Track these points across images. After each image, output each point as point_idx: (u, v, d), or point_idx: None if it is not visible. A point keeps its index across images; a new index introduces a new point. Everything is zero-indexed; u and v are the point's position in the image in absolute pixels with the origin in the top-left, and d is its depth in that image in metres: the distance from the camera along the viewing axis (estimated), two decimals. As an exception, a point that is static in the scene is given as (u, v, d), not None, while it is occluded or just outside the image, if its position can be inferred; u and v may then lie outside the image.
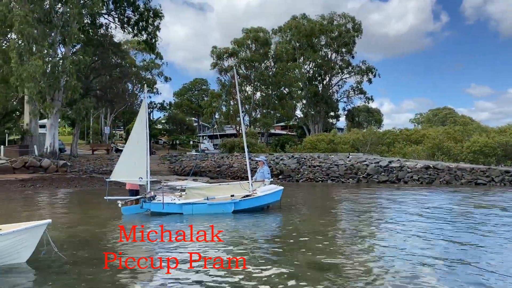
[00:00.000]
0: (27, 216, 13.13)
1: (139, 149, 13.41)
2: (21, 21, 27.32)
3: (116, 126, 78.79)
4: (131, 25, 38.91)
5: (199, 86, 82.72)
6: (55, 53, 32.88)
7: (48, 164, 30.74)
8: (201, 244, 8.85)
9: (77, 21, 32.22)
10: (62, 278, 6.46)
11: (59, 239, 8.83)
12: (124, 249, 8.61)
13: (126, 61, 49.26)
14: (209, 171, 33.03)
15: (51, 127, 33.90)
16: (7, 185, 24.39)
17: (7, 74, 29.80)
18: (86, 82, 38.84)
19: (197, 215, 12.61)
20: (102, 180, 24.40)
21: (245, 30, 57.85)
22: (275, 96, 60.18)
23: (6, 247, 6.62)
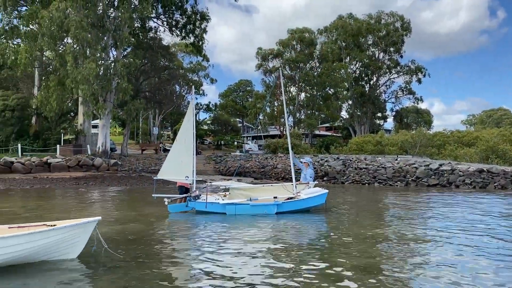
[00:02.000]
0: (79, 212, 13.77)
1: (186, 149, 13.69)
2: (76, 26, 28.67)
3: (164, 126, 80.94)
4: (179, 28, 39.82)
5: (244, 87, 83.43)
6: (107, 56, 34.26)
7: (100, 163, 32.08)
8: (245, 243, 8.89)
9: (128, 25, 33.42)
10: (112, 273, 6.69)
11: (109, 235, 9.16)
12: (171, 246, 8.81)
13: (174, 64, 50.51)
14: (253, 171, 33.20)
15: (103, 128, 35.34)
16: (62, 182, 25.69)
17: (63, 77, 31.35)
18: (136, 84, 40.19)
19: (240, 215, 12.68)
20: (150, 179, 25.13)
21: (290, 31, 57.69)
22: (320, 97, 59.56)
23: (59, 242, 6.93)
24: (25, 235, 6.63)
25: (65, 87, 31.50)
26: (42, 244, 6.73)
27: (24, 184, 24.08)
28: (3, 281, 6.21)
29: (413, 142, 43.31)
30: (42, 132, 39.17)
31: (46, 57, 39.63)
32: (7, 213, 13.50)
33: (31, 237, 6.65)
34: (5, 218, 11.84)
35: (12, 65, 35.62)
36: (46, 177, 27.61)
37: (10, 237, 6.54)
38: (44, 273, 6.61)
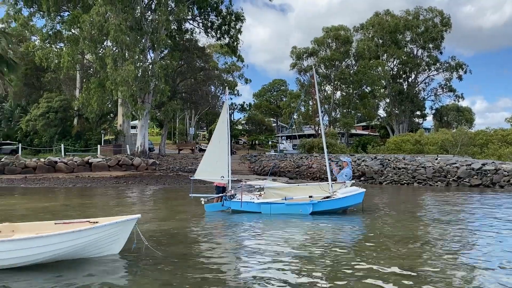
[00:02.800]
0: (119, 210, 14.16)
1: (221, 149, 13.82)
2: (115, 29, 29.52)
3: (200, 126, 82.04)
4: (214, 29, 40.21)
5: (278, 87, 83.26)
6: (145, 59, 35.10)
7: (139, 162, 32.90)
8: (281, 243, 8.86)
9: (165, 28, 34.09)
10: (152, 270, 6.83)
11: (148, 233, 9.36)
12: (209, 245, 8.90)
13: (209, 65, 51.09)
14: (288, 171, 33.09)
15: (141, 128, 36.23)
16: (103, 181, 26.53)
17: (104, 79, 32.38)
18: (173, 85, 40.94)
19: (275, 214, 12.66)
20: (187, 178, 25.53)
21: (325, 29, 57.10)
22: (356, 95, 58.64)
23: (101, 239, 7.14)
24: (70, 233, 6.87)
25: (105, 89, 32.51)
26: (85, 241, 6.96)
27: (67, 183, 25.04)
28: (47, 277, 6.46)
29: (454, 141, 41.86)
30: (84, 132, 40.61)
31: (87, 60, 40.99)
32: (51, 210, 14.07)
33: (75, 235, 6.88)
34: (50, 215, 12.34)
35: (55, 68, 37.15)
36: (87, 176, 28.59)
37: (56, 235, 6.80)
38: (86, 269, 6.83)
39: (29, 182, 25.37)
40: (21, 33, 42.51)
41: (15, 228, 7.75)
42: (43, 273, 6.56)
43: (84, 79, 43.28)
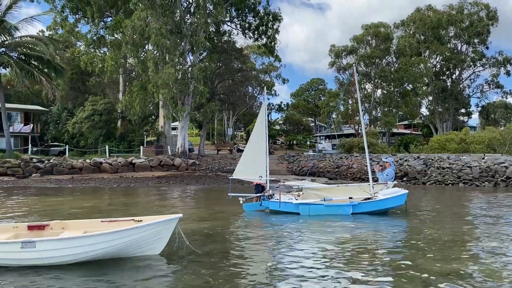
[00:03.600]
0: (161, 210, 14.49)
1: (259, 149, 13.86)
2: (156, 33, 30.28)
3: (237, 127, 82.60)
4: (252, 30, 40.40)
5: (316, 86, 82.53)
6: (185, 61, 35.76)
7: (179, 163, 33.56)
8: (320, 244, 8.77)
9: (204, 30, 34.61)
10: (194, 269, 6.94)
11: (189, 232, 9.51)
12: (248, 244, 8.95)
13: (247, 65, 51.39)
14: (327, 171, 32.72)
15: (181, 129, 36.95)
16: (146, 181, 27.25)
17: (145, 82, 33.27)
18: (212, 87, 41.48)
19: (313, 215, 12.53)
20: (226, 178, 25.75)
21: (365, 26, 56.08)
22: (397, 93, 57.19)
23: (144, 238, 7.32)
24: (115, 232, 7.10)
25: (147, 91, 33.38)
26: (130, 240, 7.17)
27: (112, 183, 25.90)
28: (91, 275, 6.69)
29: (502, 139, 39.95)
30: (127, 134, 41.87)
31: (129, 64, 42.27)
32: (97, 209, 14.61)
33: (121, 234, 7.10)
34: (96, 214, 12.81)
35: (100, 72, 38.57)
36: (131, 177, 29.46)
37: (102, 234, 7.05)
38: (129, 268, 7.03)
39: (76, 182, 26.44)
40: (67, 39, 44.51)
41: (65, 226, 8.11)
42: (88, 271, 6.80)
43: (126, 83, 44.67)
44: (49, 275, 6.57)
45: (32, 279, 6.40)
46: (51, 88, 36.76)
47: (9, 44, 34.29)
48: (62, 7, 35.49)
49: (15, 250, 6.69)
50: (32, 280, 6.34)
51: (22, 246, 6.66)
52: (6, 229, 7.94)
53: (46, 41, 35.34)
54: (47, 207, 15.16)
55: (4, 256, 6.77)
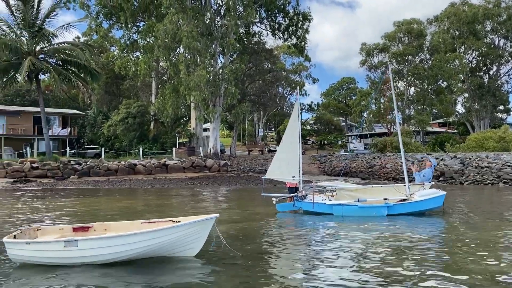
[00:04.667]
0: (195, 210, 14.68)
1: (292, 149, 13.83)
2: (187, 36, 30.72)
3: (268, 128, 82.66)
4: (282, 30, 40.38)
5: (347, 85, 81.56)
6: (216, 63, 36.11)
7: (211, 164, 33.91)
8: (355, 246, 8.67)
9: (234, 32, 34.86)
10: (231, 269, 6.99)
11: (223, 232, 9.57)
12: (282, 245, 8.95)
13: (277, 66, 51.36)
14: (360, 171, 32.28)
15: (213, 131, 37.33)
16: (179, 182, 27.67)
17: (177, 85, 33.83)
18: (242, 88, 41.73)
19: (347, 217, 12.38)
20: (258, 178, 25.86)
21: (397, 23, 55.00)
22: (431, 91, 55.74)
23: (182, 238, 7.43)
24: (154, 231, 7.26)
25: (179, 93, 33.94)
26: (168, 239, 7.30)
27: (146, 184, 26.45)
28: (129, 274, 6.86)
29: (544, 137, 38.30)
30: (160, 136, 42.66)
31: (162, 67, 43.09)
32: (133, 210, 14.95)
33: (159, 233, 7.25)
34: (133, 215, 13.11)
35: (133, 76, 39.54)
36: (164, 178, 29.99)
37: (139, 233, 7.22)
38: (168, 268, 7.16)
39: (112, 184, 27.15)
40: (102, 44, 45.71)
41: (107, 227, 8.37)
42: (128, 271, 6.97)
43: (159, 85, 45.56)
44: (90, 273, 6.78)
45: (76, 277, 6.63)
46: (87, 92, 37.89)
47: (47, 51, 35.61)
48: (97, 13, 36.58)
49: (59, 249, 6.98)
50: (75, 278, 6.56)
51: (65, 245, 6.94)
52: (53, 231, 8.30)
53: (82, 47, 36.50)
54: (86, 208, 15.65)
55: (49, 254, 7.09)
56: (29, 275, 6.91)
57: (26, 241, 7.23)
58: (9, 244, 7.26)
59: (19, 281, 6.65)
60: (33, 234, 7.96)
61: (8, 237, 7.38)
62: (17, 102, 47.99)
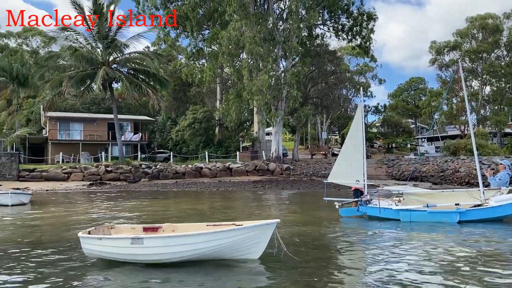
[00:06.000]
0: (258, 214, 14.78)
1: (356, 152, 13.47)
2: (250, 42, 31.16)
3: (332, 131, 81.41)
4: (345, 31, 39.70)
5: (416, 85, 78.18)
6: (278, 67, 36.25)
7: (274, 167, 34.03)
8: (423, 255, 8.23)
9: (296, 35, 34.82)
10: (291, 274, 6.90)
11: (286, 237, 9.52)
12: (345, 252, 8.74)
13: (340, 68, 50.50)
14: (431, 175, 30.72)
15: (275, 134, 37.46)
16: (242, 185, 28.06)
17: (240, 90, 34.39)
18: (305, 91, 41.49)
19: (415, 222, 11.79)
20: (321, 183, 25.51)
21: (470, 19, 51.86)
22: (509, 90, 51.81)
23: (242, 241, 7.49)
24: (214, 233, 7.41)
25: (242, 98, 34.47)
26: (228, 242, 7.41)
27: (211, 187, 27.11)
28: (190, 274, 7.03)
29: None
30: (224, 140, 43.59)
31: (226, 73, 44.02)
32: (199, 212, 15.38)
33: (220, 235, 7.39)
34: (199, 216, 13.48)
35: (199, 83, 40.76)
36: (228, 181, 30.57)
37: (201, 234, 7.41)
38: (227, 271, 7.23)
39: (179, 186, 28.15)
40: (170, 53, 47.77)
41: (175, 228, 8.71)
42: (188, 271, 7.15)
43: (223, 91, 46.60)
44: (154, 271, 7.05)
45: (141, 273, 6.93)
46: (157, 99, 39.70)
47: (120, 61, 37.82)
48: (164, 23, 38.23)
49: (126, 245, 7.36)
50: (140, 275, 6.86)
51: (131, 242, 7.30)
52: (125, 230, 8.81)
53: (151, 56, 38.37)
54: (155, 210, 16.35)
55: (118, 250, 7.51)
56: (100, 268, 7.40)
57: (98, 236, 7.71)
58: (83, 239, 7.78)
59: (89, 273, 7.14)
60: (106, 232, 8.47)
61: (83, 233, 7.91)
62: (93, 110, 51.34)
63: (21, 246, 9.54)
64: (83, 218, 14.14)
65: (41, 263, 7.89)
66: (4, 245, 9.58)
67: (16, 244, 9.79)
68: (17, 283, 6.62)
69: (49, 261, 8.02)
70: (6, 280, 6.80)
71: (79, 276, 7.03)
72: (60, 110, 46.58)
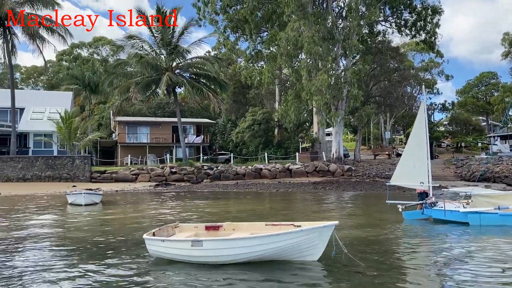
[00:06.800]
0: (318, 215, 14.65)
1: (419, 152, 12.92)
2: (309, 42, 30.91)
3: (396, 130, 78.65)
4: (408, 27, 38.23)
5: (487, 81, 73.30)
6: (338, 66, 35.66)
7: (334, 168, 33.51)
8: (494, 261, 7.71)
9: (357, 33, 34.05)
10: (353, 279, 6.77)
11: (346, 239, 9.33)
12: (408, 256, 8.42)
13: (404, 64, 48.68)
14: (505, 176, 28.66)
15: (336, 135, 36.86)
16: (302, 186, 27.91)
17: (299, 90, 34.20)
18: (366, 89, 40.43)
19: (485, 226, 11.07)
20: (384, 184, 24.71)
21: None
22: None
23: (301, 243, 7.46)
24: (269, 236, 7.46)
25: (301, 99, 34.28)
26: (288, 244, 7.43)
27: (271, 188, 27.25)
28: (250, 274, 7.13)
29: None
30: (283, 141, 43.64)
31: (284, 74, 44.05)
32: (259, 212, 15.54)
33: (276, 238, 7.42)
34: (258, 217, 13.62)
35: (258, 85, 41.14)
36: (288, 182, 30.55)
37: (257, 237, 7.50)
38: (286, 272, 7.24)
39: (240, 187, 28.59)
40: (229, 56, 48.63)
41: (235, 227, 8.93)
42: (248, 271, 7.24)
43: (282, 92, 46.67)
44: (214, 272, 7.23)
45: (201, 275, 7.13)
46: (217, 102, 40.63)
47: (182, 66, 39.18)
48: (224, 27, 39.03)
49: (187, 247, 7.62)
50: (201, 275, 7.06)
51: (192, 244, 7.55)
52: (189, 228, 9.19)
53: (212, 60, 39.35)
54: (217, 209, 16.77)
55: (179, 252, 7.81)
56: (163, 266, 7.74)
57: (161, 238, 8.05)
58: (148, 241, 8.16)
59: (153, 273, 7.47)
60: (171, 231, 8.84)
61: (148, 234, 8.30)
62: (158, 114, 53.53)
63: (94, 241, 10.23)
64: (149, 217, 14.84)
65: (110, 257, 8.43)
66: (79, 241, 10.32)
67: (89, 240, 10.50)
68: (92, 272, 7.12)
69: (117, 257, 8.53)
70: (85, 268, 7.34)
71: (143, 273, 7.40)
72: (128, 115, 49.09)
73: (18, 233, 11.82)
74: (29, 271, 7.57)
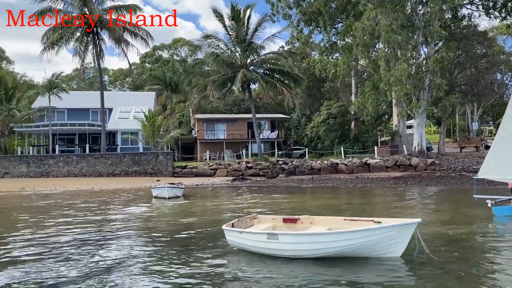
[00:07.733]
0: (400, 211, 14.05)
1: (511, 142, 11.83)
2: (386, 30, 29.65)
3: (485, 121, 72.98)
4: (498, 8, 35.16)
5: None
6: (418, 55, 33.84)
7: (417, 162, 31.92)
8: None
9: (439, 18, 32.01)
10: (436, 280, 6.42)
11: (429, 237, 8.85)
12: (497, 256, 7.77)
13: (493, 50, 44.90)
14: None
15: (418, 127, 35.03)
16: (381, 182, 26.95)
17: (377, 81, 32.95)
18: (450, 78, 37.94)
19: None
20: (471, 179, 23.08)
21: None
22: None
23: (382, 240, 7.20)
24: (348, 233, 7.30)
25: (379, 90, 33.04)
26: (368, 240, 7.21)
27: (348, 183, 26.65)
28: (328, 268, 7.02)
29: None
30: (360, 135, 42.44)
31: (361, 65, 42.75)
32: (336, 208, 15.28)
33: (354, 235, 7.23)
34: (335, 212, 13.39)
35: (333, 78, 40.39)
36: (366, 177, 29.67)
37: (335, 233, 7.37)
38: (368, 268, 7.04)
39: (315, 182, 28.32)
40: (303, 50, 48.31)
41: (313, 220, 8.88)
42: (327, 266, 7.14)
43: (358, 84, 45.36)
44: (291, 265, 7.22)
45: (278, 267, 7.17)
46: (291, 97, 40.59)
47: (256, 62, 39.65)
48: (298, 21, 38.75)
49: (263, 240, 7.71)
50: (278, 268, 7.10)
51: (268, 237, 7.63)
52: (266, 220, 9.33)
53: (285, 55, 39.37)
54: (293, 204, 16.80)
55: (256, 244, 7.94)
56: (240, 257, 7.96)
57: (239, 230, 8.23)
58: (227, 231, 8.40)
59: (231, 263, 7.71)
60: (249, 222, 9.01)
61: (227, 225, 8.54)
62: (234, 111, 54.78)
63: (178, 231, 10.80)
64: (228, 209, 15.29)
65: (192, 246, 8.86)
66: (164, 232, 10.94)
67: (174, 229, 11.07)
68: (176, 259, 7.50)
69: (198, 246, 8.92)
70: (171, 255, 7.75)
71: (222, 264, 7.63)
72: (206, 112, 50.88)
73: (111, 224, 12.83)
74: (122, 259, 8.16)
